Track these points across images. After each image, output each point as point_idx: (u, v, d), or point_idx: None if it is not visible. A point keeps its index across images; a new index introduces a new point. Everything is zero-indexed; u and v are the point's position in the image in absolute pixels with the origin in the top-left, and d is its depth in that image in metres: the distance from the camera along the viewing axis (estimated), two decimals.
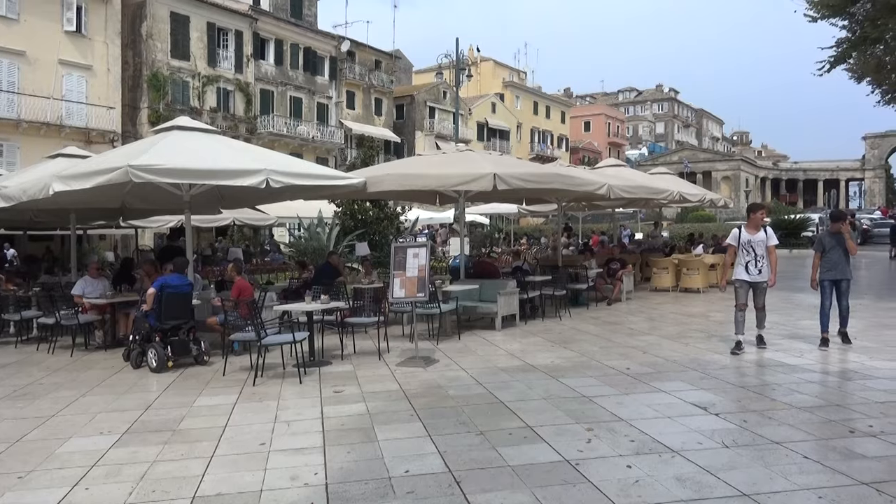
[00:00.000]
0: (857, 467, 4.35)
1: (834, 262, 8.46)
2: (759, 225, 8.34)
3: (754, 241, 8.19)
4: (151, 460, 4.75)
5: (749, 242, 8.21)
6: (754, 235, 8.22)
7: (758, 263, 8.19)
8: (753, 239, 8.19)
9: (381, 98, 45.22)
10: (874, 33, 13.81)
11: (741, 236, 8.29)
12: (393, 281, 8.08)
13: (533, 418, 5.49)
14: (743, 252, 8.24)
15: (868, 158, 72.83)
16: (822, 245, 8.60)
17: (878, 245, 33.31)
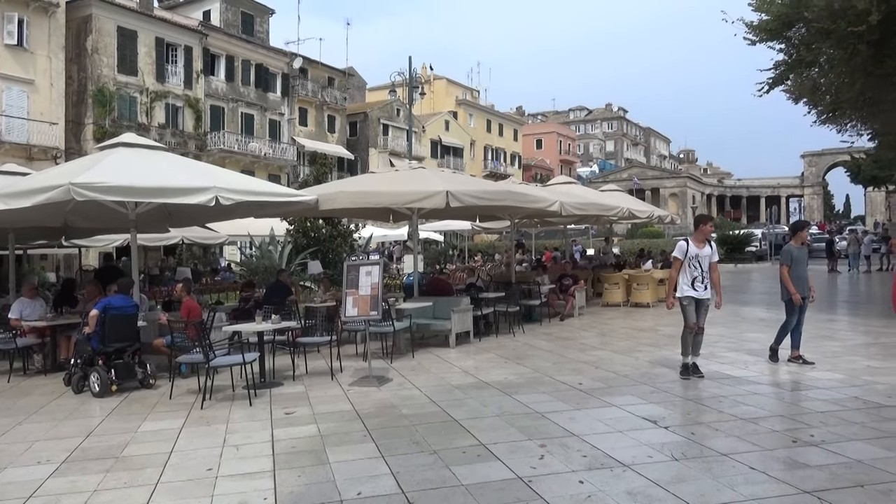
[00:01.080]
0: (800, 476, 4.47)
1: (800, 277, 8.21)
2: (706, 238, 7.86)
3: (701, 255, 7.68)
4: (92, 489, 4.57)
5: (696, 257, 7.67)
6: (701, 250, 7.70)
7: (704, 279, 7.67)
8: (701, 253, 7.68)
9: (335, 115, 45.06)
10: (809, 57, 14.42)
11: (689, 250, 7.70)
12: (345, 299, 8.00)
13: (486, 436, 5.48)
14: (690, 267, 7.64)
15: (806, 176, 75.76)
16: (790, 257, 8.25)
17: (817, 259, 34.56)
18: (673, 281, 7.80)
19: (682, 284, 7.71)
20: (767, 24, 14.59)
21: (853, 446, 5.06)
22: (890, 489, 4.18)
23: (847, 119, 17.61)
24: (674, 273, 7.80)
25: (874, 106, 15.27)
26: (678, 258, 7.76)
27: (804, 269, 8.33)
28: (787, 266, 8.26)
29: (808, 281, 8.34)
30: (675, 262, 7.81)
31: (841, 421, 5.79)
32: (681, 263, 7.71)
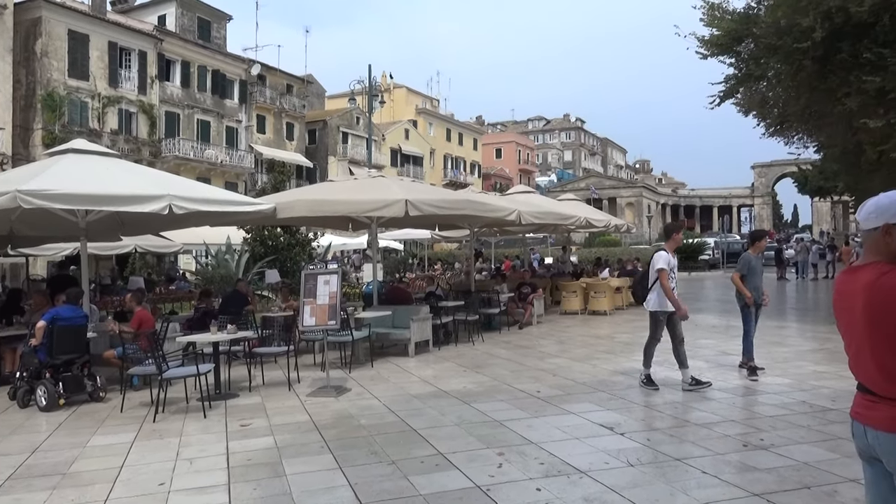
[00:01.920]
0: (749, 479, 4.58)
1: (756, 287, 8.17)
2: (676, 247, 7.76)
3: (675, 265, 7.55)
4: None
5: (673, 267, 7.49)
6: (674, 259, 7.56)
7: (677, 290, 7.49)
8: (675, 263, 7.55)
9: (293, 122, 44.68)
10: (757, 71, 14.89)
11: (671, 260, 7.45)
12: (303, 308, 7.92)
13: (445, 445, 5.48)
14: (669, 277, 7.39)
15: (757, 186, 78.00)
16: (747, 266, 8.21)
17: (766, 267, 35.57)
18: (670, 292, 7.28)
19: (659, 297, 7.39)
20: (718, 39, 15.03)
21: (800, 449, 5.21)
22: (834, 490, 4.32)
23: (794, 132, 18.21)
24: (667, 284, 7.28)
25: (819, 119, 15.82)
26: (665, 269, 7.33)
27: (760, 279, 8.34)
28: (739, 273, 8.24)
29: (762, 289, 8.39)
30: (663, 274, 7.29)
31: (789, 425, 5.96)
32: (668, 274, 7.34)
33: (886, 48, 11.93)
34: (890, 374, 2.29)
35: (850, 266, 2.52)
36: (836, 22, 12.20)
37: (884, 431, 2.31)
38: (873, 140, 12.87)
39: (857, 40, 12.48)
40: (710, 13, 15.18)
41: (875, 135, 12.60)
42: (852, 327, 2.42)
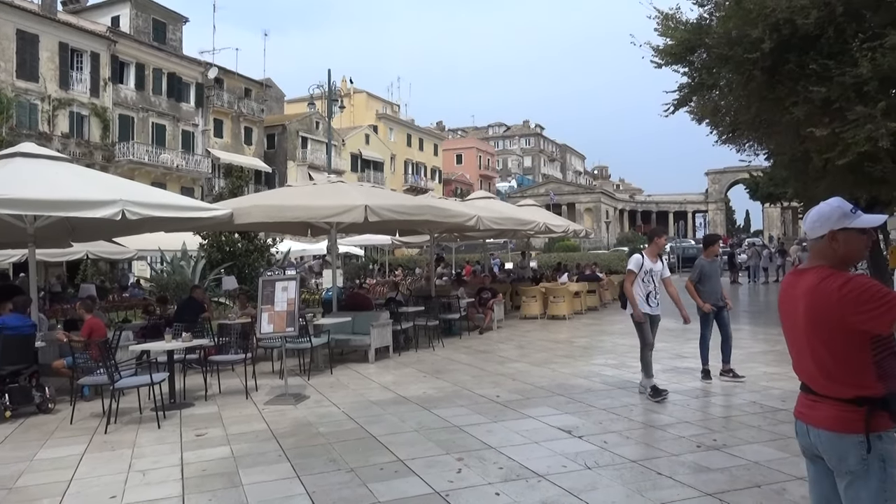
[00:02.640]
0: (703, 480, 4.68)
1: (713, 290, 8.18)
2: (659, 253, 7.79)
3: (654, 270, 7.52)
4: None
5: (650, 272, 7.47)
6: (654, 265, 7.53)
7: (657, 295, 7.50)
8: (654, 268, 7.52)
9: (252, 127, 44.11)
10: (710, 80, 15.25)
11: (644, 264, 7.46)
12: (261, 315, 7.82)
13: (404, 451, 5.47)
14: (644, 282, 7.42)
15: (710, 192, 79.88)
16: (700, 272, 8.21)
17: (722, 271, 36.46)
18: (630, 294, 7.38)
19: (640, 302, 7.40)
20: (672, 48, 15.35)
21: (751, 449, 5.35)
22: (783, 488, 4.45)
23: (745, 139, 18.67)
24: (628, 286, 7.42)
25: (769, 128, 16.27)
26: (633, 271, 7.41)
27: (717, 282, 8.34)
28: (692, 281, 8.22)
29: (721, 292, 8.38)
30: (630, 275, 7.42)
31: (741, 425, 6.12)
32: (634, 276, 7.38)
33: (831, 60, 12.35)
34: (830, 374, 2.38)
35: (795, 269, 2.61)
36: (784, 34, 12.59)
37: (824, 430, 2.40)
38: (819, 148, 13.29)
39: (804, 52, 12.90)
40: (664, 23, 15.50)
41: (821, 143, 13.02)
42: (795, 329, 2.51)
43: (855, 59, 11.94)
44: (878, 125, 11.79)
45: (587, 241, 40.47)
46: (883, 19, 11.98)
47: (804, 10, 12.07)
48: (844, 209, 2.41)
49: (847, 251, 2.41)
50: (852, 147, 12.17)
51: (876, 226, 2.46)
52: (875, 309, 2.19)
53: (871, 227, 2.41)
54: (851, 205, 2.42)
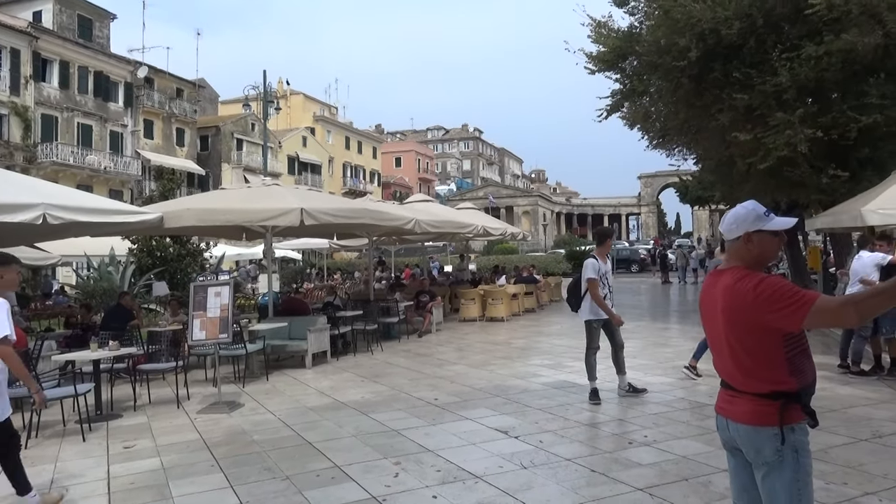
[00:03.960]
0: (634, 475, 4.81)
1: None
2: (607, 253, 7.67)
3: (607, 271, 7.33)
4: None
5: (605, 274, 7.27)
6: (606, 265, 7.37)
7: (611, 297, 7.38)
8: (607, 269, 7.33)
9: (184, 128, 42.91)
10: (640, 87, 15.73)
11: (600, 267, 7.23)
12: (192, 322, 7.61)
13: (341, 457, 5.41)
14: (600, 285, 7.18)
15: (643, 195, 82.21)
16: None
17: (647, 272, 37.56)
18: (601, 301, 7.12)
19: (592, 306, 7.20)
20: (604, 55, 15.76)
21: (680, 444, 5.53)
22: (709, 480, 4.61)
23: (674, 144, 19.32)
24: (597, 293, 7.11)
25: (696, 133, 16.88)
26: (595, 278, 7.12)
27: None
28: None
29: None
30: (593, 284, 7.10)
31: (670, 421, 6.32)
32: (598, 282, 7.13)
33: (753, 68, 12.91)
34: (746, 370, 2.49)
35: (714, 270, 2.72)
36: (709, 43, 13.09)
37: (743, 424, 2.51)
38: (743, 153, 13.86)
39: (728, 61, 13.44)
40: (597, 31, 15.89)
41: (744, 148, 13.58)
42: (714, 327, 2.62)
43: (775, 69, 12.53)
44: (796, 131, 12.39)
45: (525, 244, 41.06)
46: (800, 31, 12.61)
47: (728, 21, 12.59)
48: (759, 212, 2.52)
49: (761, 252, 2.52)
50: (773, 152, 12.75)
51: (787, 228, 2.58)
52: (787, 307, 2.30)
53: (782, 229, 2.54)
54: (765, 208, 2.54)
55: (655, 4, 14.40)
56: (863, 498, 4.27)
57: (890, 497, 4.27)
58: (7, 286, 4.51)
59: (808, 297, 2.29)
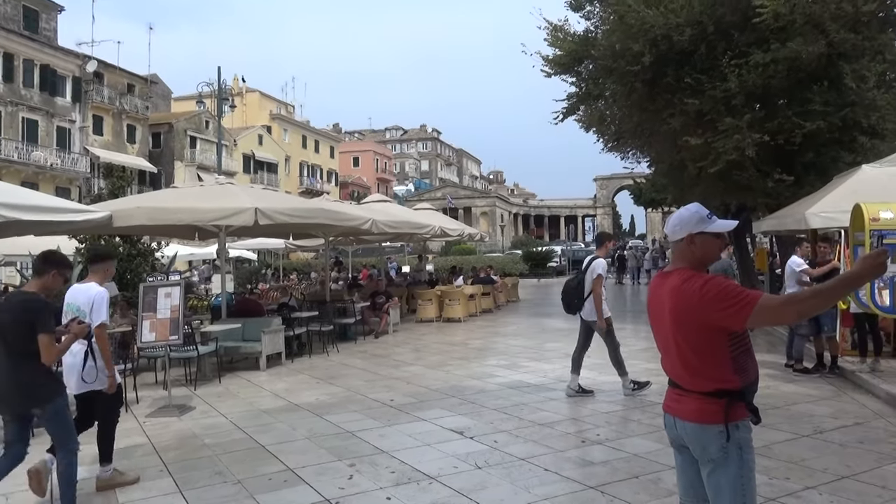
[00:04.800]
0: (586, 473, 4.88)
1: None
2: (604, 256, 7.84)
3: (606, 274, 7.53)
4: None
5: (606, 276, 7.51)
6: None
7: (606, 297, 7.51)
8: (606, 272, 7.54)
9: (135, 125, 41.83)
10: (596, 91, 15.98)
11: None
12: (141, 323, 7.43)
13: (294, 460, 5.35)
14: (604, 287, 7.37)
15: (599, 197, 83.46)
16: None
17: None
18: (599, 300, 7.35)
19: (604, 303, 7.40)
20: (560, 58, 15.94)
21: (631, 442, 5.63)
22: (659, 477, 4.71)
23: (628, 147, 19.68)
24: (600, 291, 7.34)
25: (650, 137, 17.22)
26: (603, 276, 7.40)
27: None
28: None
29: None
30: (600, 280, 7.33)
31: (622, 420, 6.43)
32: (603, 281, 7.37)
33: (703, 74, 13.24)
34: (693, 370, 2.55)
35: (661, 271, 2.78)
36: (662, 49, 13.38)
37: (689, 422, 2.57)
38: (693, 157, 14.20)
39: (680, 66, 13.76)
40: (554, 34, 16.07)
41: (695, 152, 13.91)
42: (662, 327, 2.67)
43: (724, 75, 12.87)
44: (744, 136, 12.76)
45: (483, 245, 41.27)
46: (748, 39, 12.99)
47: (679, 27, 12.88)
48: (701, 214, 2.59)
49: (703, 253, 2.59)
50: (722, 156, 13.09)
51: (728, 230, 2.66)
52: (732, 306, 2.37)
53: (723, 231, 2.61)
54: (708, 210, 2.60)
55: (610, 10, 14.64)
56: (804, 492, 4.41)
57: (829, 490, 4.42)
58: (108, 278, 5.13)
59: (752, 296, 2.36)
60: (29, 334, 4.11)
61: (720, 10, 13.05)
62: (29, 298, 4.30)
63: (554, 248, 41.82)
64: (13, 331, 4.14)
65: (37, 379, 4.19)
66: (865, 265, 2.31)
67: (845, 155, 13.64)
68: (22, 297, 4.37)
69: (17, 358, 4.15)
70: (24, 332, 4.11)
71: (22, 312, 4.17)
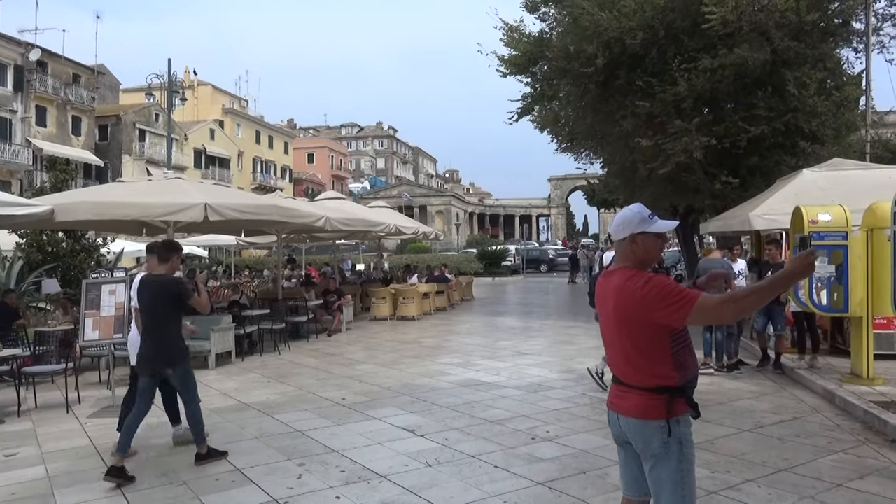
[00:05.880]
0: (536, 470, 4.94)
1: None
2: None
3: None
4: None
5: None
6: None
7: None
8: None
9: (81, 116, 40.52)
10: (550, 91, 16.17)
11: None
12: (84, 321, 7.20)
13: (242, 460, 5.28)
14: None
15: (553, 197, 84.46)
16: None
17: (561, 272, 38.68)
18: None
19: None
20: (516, 59, 16.09)
21: (579, 438, 5.72)
22: (606, 473, 4.80)
23: (582, 148, 19.97)
24: None
25: (602, 138, 17.51)
26: None
27: None
28: None
29: None
30: None
31: (572, 416, 6.53)
32: None
33: (655, 77, 13.54)
34: (635, 366, 2.61)
35: (606, 270, 2.83)
36: (615, 51, 13.62)
37: (632, 417, 2.63)
38: (644, 158, 14.50)
39: (632, 69, 14.04)
40: (509, 34, 16.20)
41: (646, 154, 14.21)
42: (607, 325, 2.73)
43: (674, 79, 13.18)
44: (692, 138, 13.09)
45: (438, 243, 41.29)
46: (698, 44, 13.32)
47: (632, 31, 13.14)
48: (643, 214, 2.65)
49: (645, 253, 2.65)
50: (671, 158, 13.41)
51: (668, 231, 2.72)
52: (672, 305, 2.43)
53: (664, 231, 2.67)
54: (650, 211, 2.66)
55: (565, 12, 14.84)
56: (743, 485, 4.55)
57: (767, 483, 4.58)
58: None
59: (692, 295, 2.42)
60: (171, 307, 5.19)
61: (671, 15, 13.36)
62: (168, 280, 5.27)
63: (508, 248, 42.11)
64: (159, 304, 5.16)
65: (172, 345, 5.22)
66: (796, 265, 2.42)
67: (788, 159, 14.12)
68: (161, 280, 5.24)
69: (159, 328, 5.16)
70: (167, 306, 5.16)
71: (165, 289, 5.17)
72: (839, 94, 14.33)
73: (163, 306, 5.16)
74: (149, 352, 5.21)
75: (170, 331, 5.19)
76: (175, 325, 5.25)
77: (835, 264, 7.28)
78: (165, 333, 5.17)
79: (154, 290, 5.19)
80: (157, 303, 5.16)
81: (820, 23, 13.62)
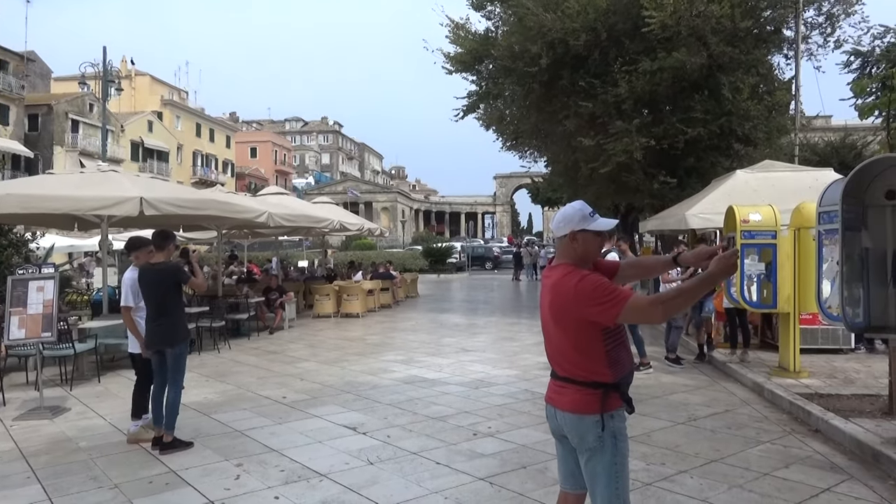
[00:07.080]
0: (477, 465, 4.97)
1: None
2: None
3: None
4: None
5: None
6: None
7: None
8: None
9: (9, 105, 38.71)
10: (495, 90, 16.32)
11: None
12: (9, 319, 6.88)
13: (177, 461, 5.14)
14: None
15: (498, 195, 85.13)
16: None
17: (506, 269, 39.04)
18: None
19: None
20: (461, 56, 16.15)
21: (521, 433, 5.79)
22: (545, 467, 4.86)
23: (526, 147, 20.24)
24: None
25: (546, 137, 17.79)
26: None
27: None
28: None
29: None
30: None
31: (513, 412, 6.59)
32: None
33: (597, 79, 13.80)
34: (571, 361, 2.65)
35: (548, 266, 2.86)
36: (559, 52, 13.82)
37: (568, 412, 2.67)
38: (587, 158, 14.79)
39: (575, 70, 14.28)
40: (455, 32, 16.25)
41: (588, 153, 14.49)
42: (545, 320, 2.76)
43: (616, 80, 13.46)
44: (633, 139, 13.40)
45: (383, 240, 41.11)
46: (638, 47, 13.64)
47: (575, 32, 13.35)
48: (584, 212, 2.68)
49: (585, 250, 2.69)
50: (612, 158, 13.70)
51: (608, 229, 2.77)
52: (604, 303, 2.48)
53: (604, 229, 2.72)
54: (591, 209, 2.70)
55: (510, 11, 14.96)
56: (677, 476, 4.69)
57: (700, 474, 4.72)
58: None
59: (623, 294, 2.47)
60: (172, 291, 5.62)
61: (613, 17, 13.63)
62: (167, 268, 5.63)
63: (454, 245, 42.29)
64: (162, 292, 5.55)
65: (172, 326, 5.63)
66: (719, 265, 2.50)
67: (723, 160, 14.62)
68: (160, 266, 5.61)
69: (164, 313, 5.56)
70: (168, 289, 5.58)
71: (164, 276, 5.56)
72: (771, 98, 14.90)
73: (165, 293, 5.57)
74: (153, 333, 5.62)
75: (173, 314, 5.63)
76: (178, 308, 5.73)
77: (764, 262, 7.57)
78: (168, 316, 5.58)
79: (155, 279, 5.57)
80: (159, 290, 5.56)
81: (753, 29, 14.13)
